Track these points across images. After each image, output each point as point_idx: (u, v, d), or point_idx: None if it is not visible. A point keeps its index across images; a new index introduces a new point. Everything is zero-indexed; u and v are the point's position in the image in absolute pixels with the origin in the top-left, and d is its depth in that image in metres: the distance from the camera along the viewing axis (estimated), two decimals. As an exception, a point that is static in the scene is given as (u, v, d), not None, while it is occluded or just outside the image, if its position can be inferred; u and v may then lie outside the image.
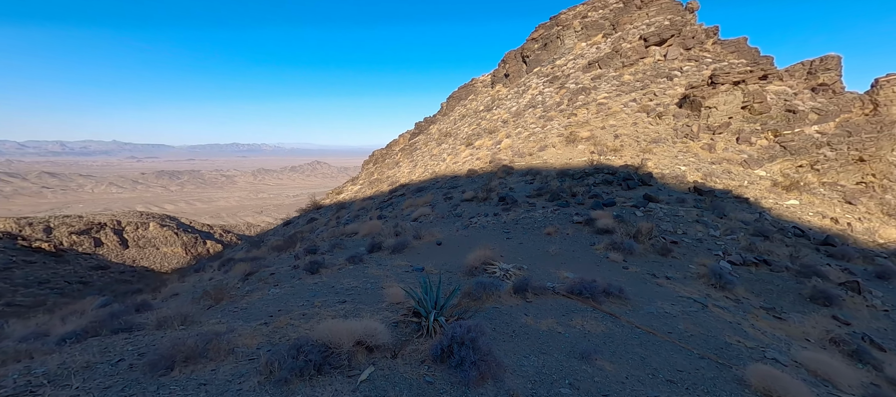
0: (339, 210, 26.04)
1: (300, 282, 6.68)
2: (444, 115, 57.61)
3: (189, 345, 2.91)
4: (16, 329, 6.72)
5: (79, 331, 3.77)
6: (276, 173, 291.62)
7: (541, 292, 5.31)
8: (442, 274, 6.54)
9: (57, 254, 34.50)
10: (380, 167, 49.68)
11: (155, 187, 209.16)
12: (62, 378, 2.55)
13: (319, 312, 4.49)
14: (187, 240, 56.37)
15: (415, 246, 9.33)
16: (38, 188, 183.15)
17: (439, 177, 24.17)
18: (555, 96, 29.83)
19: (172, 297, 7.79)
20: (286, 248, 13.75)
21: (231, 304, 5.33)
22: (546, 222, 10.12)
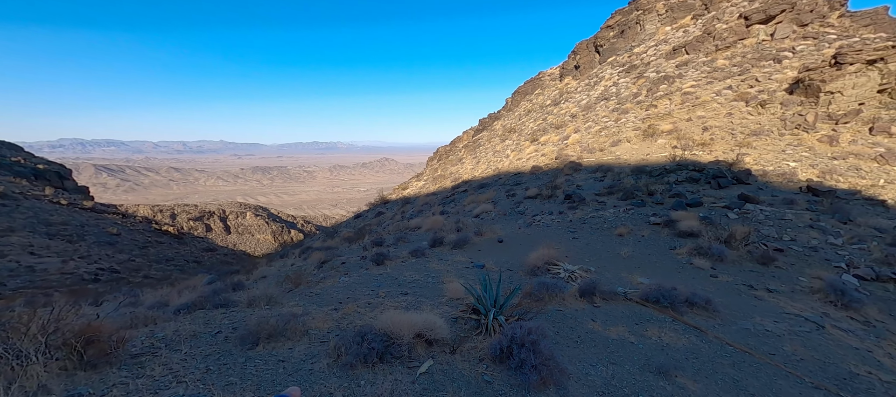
0: (404, 205, 27.11)
1: (367, 272, 7.07)
2: (509, 111, 56.55)
3: (271, 324, 3.24)
4: (147, 298, 8.17)
5: (189, 304, 4.44)
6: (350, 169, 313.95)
7: (610, 297, 4.92)
8: (502, 272, 6.41)
9: (179, 237, 41.29)
10: (443, 163, 50.59)
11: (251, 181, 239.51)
12: (175, 343, 3.03)
13: (383, 302, 4.70)
14: (275, 229, 63.48)
15: (475, 242, 9.31)
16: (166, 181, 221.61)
17: (502, 174, 23.82)
18: (631, 87, 27.44)
19: (261, 279, 8.79)
20: (356, 240, 14.71)
21: (307, 289, 5.84)
22: (617, 222, 9.36)
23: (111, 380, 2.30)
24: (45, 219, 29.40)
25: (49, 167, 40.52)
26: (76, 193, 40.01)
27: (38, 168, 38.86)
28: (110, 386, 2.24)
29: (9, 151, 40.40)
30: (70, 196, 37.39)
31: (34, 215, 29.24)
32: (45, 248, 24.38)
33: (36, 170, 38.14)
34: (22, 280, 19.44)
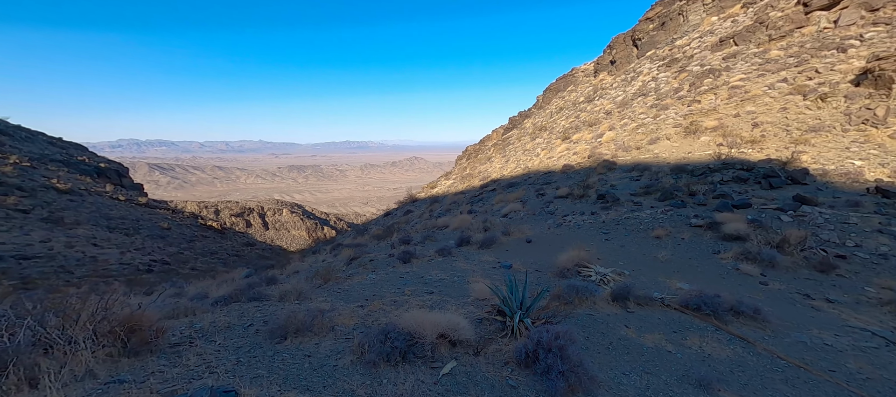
0: (432, 203, 27.26)
1: (394, 269, 7.13)
2: (540, 109, 55.41)
3: (300, 319, 3.32)
4: (191, 289, 8.70)
5: (226, 297, 4.66)
6: (380, 168, 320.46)
7: (645, 302, 4.64)
8: (530, 273, 6.25)
9: (222, 232, 43.85)
10: (472, 162, 50.40)
11: (287, 179, 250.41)
12: (210, 334, 3.17)
13: (408, 300, 4.70)
14: (309, 225, 65.95)
15: (503, 242, 9.16)
16: (211, 179, 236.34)
17: (531, 173, 23.38)
18: (672, 81, 26.02)
19: (294, 274, 9.12)
20: (385, 238, 14.94)
21: (336, 285, 5.97)
22: (654, 223, 8.87)
23: (150, 368, 2.44)
24: (105, 213, 32.16)
25: (109, 166, 44.28)
26: (132, 190, 43.48)
27: (100, 166, 42.56)
28: (149, 374, 2.37)
29: (75, 151, 44.54)
30: (127, 192, 40.67)
31: (97, 210, 32.06)
32: (105, 240, 26.65)
33: (98, 169, 41.79)
34: (87, 268, 21.37)
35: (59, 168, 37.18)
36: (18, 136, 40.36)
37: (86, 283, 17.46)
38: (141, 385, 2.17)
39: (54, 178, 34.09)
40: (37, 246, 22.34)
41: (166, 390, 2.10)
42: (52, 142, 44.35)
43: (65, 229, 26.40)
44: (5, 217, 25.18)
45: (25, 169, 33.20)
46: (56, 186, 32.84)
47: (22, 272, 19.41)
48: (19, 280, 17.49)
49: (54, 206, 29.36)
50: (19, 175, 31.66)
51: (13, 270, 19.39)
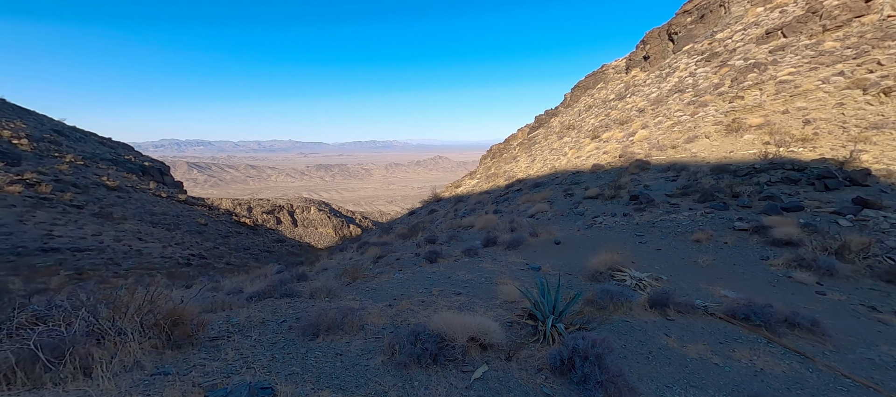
0: (456, 202, 27.22)
1: (420, 269, 7.12)
2: (568, 107, 54.13)
3: (330, 317, 3.34)
4: (226, 283, 9.07)
5: (260, 292, 4.80)
6: (404, 167, 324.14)
7: (686, 310, 4.37)
8: (560, 275, 6.06)
9: (254, 228, 45.71)
10: (497, 161, 49.94)
11: (315, 178, 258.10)
12: (246, 329, 3.26)
13: (436, 301, 4.66)
14: (336, 223, 67.60)
15: (531, 243, 8.97)
16: (244, 177, 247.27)
17: (559, 172, 22.86)
18: (711, 77, 24.68)
19: (322, 271, 9.32)
20: (410, 236, 15.03)
21: (364, 283, 6.02)
22: (694, 226, 8.41)
23: (192, 361, 2.52)
24: (149, 209, 34.26)
25: (153, 164, 47.17)
26: (173, 187, 46.11)
27: (145, 165, 45.41)
28: (191, 367, 2.44)
29: (123, 150, 47.74)
30: (168, 190, 43.17)
31: (141, 206, 34.22)
32: (149, 235, 28.38)
33: (143, 167, 44.60)
34: (133, 261, 22.84)
35: (108, 166, 39.97)
36: (74, 137, 43.73)
37: (132, 275, 18.67)
38: (184, 377, 2.24)
39: (104, 176, 36.68)
40: (89, 239, 24.10)
41: (207, 383, 2.15)
42: (103, 141, 47.73)
43: (113, 224, 28.34)
44: (62, 212, 27.32)
45: (79, 167, 35.92)
46: (106, 183, 35.34)
47: (76, 263, 20.99)
48: (74, 270, 18.92)
49: (104, 202, 31.58)
50: (74, 173, 34.28)
51: (69, 261, 21.01)
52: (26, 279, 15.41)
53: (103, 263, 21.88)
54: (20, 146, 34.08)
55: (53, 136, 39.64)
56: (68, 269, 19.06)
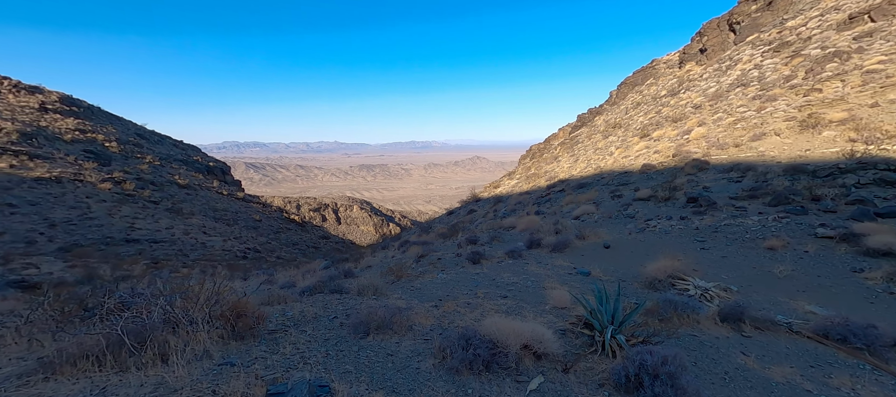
0: (496, 203, 26.88)
1: (463, 270, 7.05)
2: (613, 105, 51.59)
3: (380, 315, 3.36)
4: (280, 277, 9.59)
5: (311, 287, 4.98)
6: (443, 167, 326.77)
7: (766, 326, 3.90)
8: (613, 282, 5.71)
9: (302, 225, 48.26)
10: (537, 162, 48.73)
11: (357, 178, 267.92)
12: (301, 323, 3.36)
13: (482, 304, 4.55)
14: (377, 222, 69.62)
15: (577, 246, 8.58)
16: (294, 176, 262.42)
17: (605, 173, 21.81)
18: (781, 68, 22.31)
19: (367, 269, 9.55)
20: (450, 236, 15.03)
21: (408, 282, 6.06)
22: (765, 232, 7.57)
23: (254, 354, 2.62)
24: (212, 206, 37.32)
25: (216, 164, 51.35)
26: (232, 186, 49.90)
27: (209, 165, 49.54)
28: (253, 359, 2.54)
29: (192, 152, 52.41)
30: (228, 188, 46.78)
31: (206, 203, 37.36)
32: (212, 229, 30.89)
33: (208, 167, 48.69)
34: (198, 253, 24.96)
35: (180, 166, 44.08)
36: (152, 140, 48.74)
37: (197, 266, 20.40)
38: (247, 369, 2.34)
39: (176, 175, 40.50)
40: (163, 232, 26.70)
41: (269, 377, 2.22)
42: (176, 144, 52.74)
43: (183, 218, 31.19)
44: (142, 207, 30.49)
45: (156, 167, 39.94)
46: (177, 182, 38.98)
47: (153, 253, 23.31)
48: (151, 260, 21.04)
49: (176, 199, 34.85)
50: (152, 172, 38.18)
51: (147, 251, 23.38)
52: (113, 266, 17.39)
53: (174, 254, 24.12)
54: (110, 148, 38.59)
55: (136, 140, 44.48)
56: (146, 259, 21.21)
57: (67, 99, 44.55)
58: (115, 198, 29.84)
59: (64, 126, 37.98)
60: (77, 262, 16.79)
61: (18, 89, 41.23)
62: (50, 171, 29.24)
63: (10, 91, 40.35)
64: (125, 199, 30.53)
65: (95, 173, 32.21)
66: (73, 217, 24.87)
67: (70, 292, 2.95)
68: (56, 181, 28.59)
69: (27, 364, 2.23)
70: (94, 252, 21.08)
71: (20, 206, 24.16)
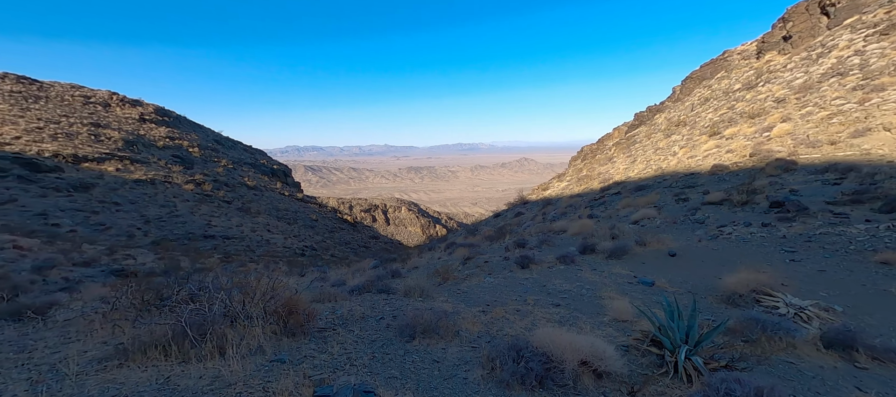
0: (545, 206, 25.98)
1: (511, 274, 6.78)
2: (676, 102, 47.58)
3: (426, 319, 3.27)
4: (332, 275, 10.00)
5: (360, 286, 5.06)
6: (489, 169, 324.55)
7: (888, 357, 3.21)
8: (682, 293, 5.12)
9: (353, 225, 50.51)
10: (589, 163, 46.42)
11: (405, 180, 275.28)
12: (349, 323, 3.39)
13: (533, 311, 4.29)
14: (424, 223, 70.82)
15: (637, 253, 7.89)
16: (347, 178, 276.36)
17: (667, 174, 20.12)
18: (891, 53, 19.01)
19: (414, 269, 9.62)
20: (497, 239, 14.72)
21: (455, 285, 5.95)
22: (876, 243, 6.38)
23: (303, 351, 2.67)
24: (276, 205, 40.38)
25: (279, 167, 55.57)
26: (293, 187, 53.66)
27: (273, 168, 53.75)
28: (303, 357, 2.58)
29: (259, 155, 57.26)
30: (290, 189, 50.35)
31: (271, 203, 40.53)
32: (275, 227, 33.38)
33: (272, 170, 52.85)
34: (263, 249, 27.09)
35: (249, 169, 48.34)
36: (227, 145, 54.03)
37: (262, 261, 22.13)
38: (296, 367, 2.37)
39: (246, 177, 44.42)
40: (234, 229, 29.35)
41: (316, 377, 2.23)
42: (246, 148, 57.97)
43: (251, 217, 34.09)
44: (217, 206, 33.82)
45: (230, 170, 44.15)
46: (246, 183, 42.71)
47: (225, 248, 25.67)
48: (223, 254, 23.21)
49: (245, 199, 38.21)
50: (226, 174, 42.25)
51: (220, 246, 25.82)
52: (192, 259, 19.46)
53: (243, 249, 26.37)
54: (193, 153, 43.44)
55: (214, 145, 49.63)
56: (220, 253, 23.44)
57: (160, 110, 50.96)
58: (195, 198, 33.44)
59: (157, 134, 43.47)
60: (164, 254, 19.02)
61: (123, 103, 48.01)
62: (146, 174, 33.55)
63: (117, 104, 47.10)
64: (204, 199, 34.10)
65: (181, 175, 36.39)
66: (162, 214, 28.25)
67: (150, 282, 3.24)
68: (150, 182, 32.71)
69: (107, 349, 2.46)
70: (177, 246, 23.76)
71: (123, 205, 27.95)
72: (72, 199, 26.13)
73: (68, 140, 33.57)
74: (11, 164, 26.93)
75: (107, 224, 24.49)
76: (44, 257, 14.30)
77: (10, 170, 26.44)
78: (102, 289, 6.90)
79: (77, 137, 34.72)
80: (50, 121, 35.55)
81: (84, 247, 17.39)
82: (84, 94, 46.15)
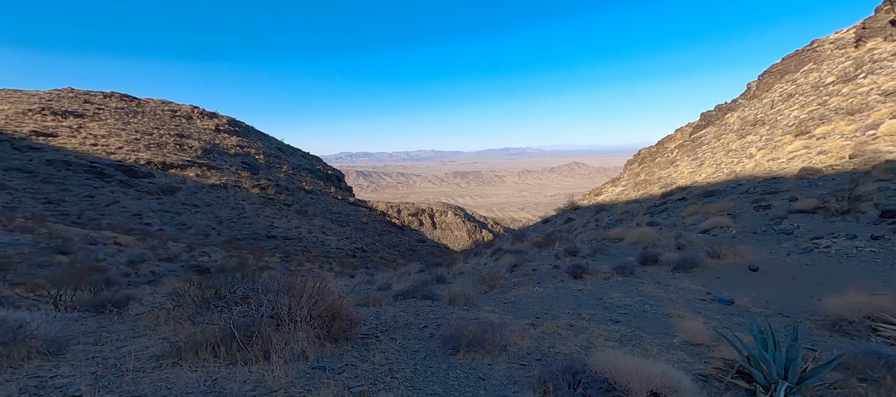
0: (598, 212, 24.56)
1: (563, 284, 6.35)
2: (752, 99, 42.75)
3: (470, 330, 3.08)
4: (379, 278, 10.16)
5: (404, 291, 5.01)
6: (537, 174, 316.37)
7: None
8: (771, 315, 4.40)
9: (401, 228, 51.73)
10: (648, 167, 43.24)
11: (452, 184, 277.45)
12: (392, 330, 3.31)
13: (589, 327, 3.91)
14: (470, 228, 70.63)
15: (709, 266, 7.03)
16: (395, 183, 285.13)
17: (742, 179, 18.04)
18: None
19: (459, 275, 9.46)
20: (546, 246, 14.10)
21: (501, 294, 5.68)
22: None
23: (345, 359, 2.61)
24: (330, 209, 42.63)
25: (333, 172, 58.73)
26: (346, 191, 56.36)
27: (328, 173, 56.91)
28: (344, 366, 2.52)
29: (315, 161, 60.98)
30: (343, 193, 52.95)
31: (325, 206, 42.88)
32: (329, 229, 35.18)
33: (326, 175, 55.98)
34: (318, 250, 28.64)
35: (306, 174, 51.64)
36: (288, 152, 58.29)
37: (317, 261, 23.37)
38: (338, 377, 2.31)
39: (304, 182, 47.48)
40: (293, 230, 31.40)
41: (357, 389, 2.14)
42: (304, 155, 62.07)
43: (308, 219, 36.29)
44: (278, 209, 36.46)
45: (290, 175, 47.50)
46: (304, 188, 45.62)
47: (286, 248, 27.53)
48: (283, 253, 24.88)
49: (303, 202, 40.81)
50: (287, 179, 45.51)
51: (281, 246, 27.73)
52: (257, 258, 21.08)
53: (300, 249, 28.09)
54: (259, 160, 47.41)
55: (276, 152, 53.79)
56: (281, 252, 25.17)
57: (232, 121, 56.38)
58: (260, 201, 36.37)
59: (229, 142, 48.08)
60: (234, 252, 20.83)
61: (203, 115, 53.86)
62: (220, 179, 37.17)
63: (198, 117, 52.92)
64: (267, 202, 36.96)
65: (248, 180, 39.83)
66: (233, 216, 31.04)
67: (210, 280, 3.42)
68: (223, 187, 36.17)
69: (166, 346, 2.60)
70: (245, 244, 25.92)
71: (201, 207, 31.14)
72: (161, 201, 29.68)
73: (158, 149, 38.30)
74: (115, 171, 31.29)
75: (188, 223, 27.44)
76: (137, 252, 16.30)
77: (114, 175, 30.73)
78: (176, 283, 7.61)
79: (165, 147, 39.49)
80: (145, 133, 40.86)
81: (169, 244, 19.58)
82: (172, 109, 52.52)
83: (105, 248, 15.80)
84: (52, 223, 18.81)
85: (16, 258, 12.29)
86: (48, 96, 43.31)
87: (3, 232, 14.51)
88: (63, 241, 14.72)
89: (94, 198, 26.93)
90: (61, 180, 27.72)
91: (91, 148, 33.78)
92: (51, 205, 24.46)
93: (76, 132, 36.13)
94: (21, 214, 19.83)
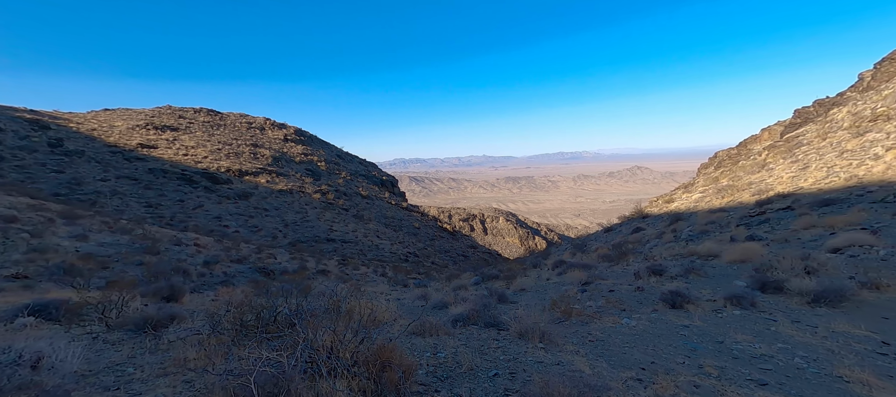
0: (674, 221, 21.83)
1: (658, 315, 5.16)
2: (866, 91, 35.83)
3: (562, 393, 2.24)
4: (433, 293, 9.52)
5: (464, 315, 4.27)
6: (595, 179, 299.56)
7: None
8: None
9: (452, 234, 51.36)
10: (730, 171, 38.12)
11: (503, 190, 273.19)
12: (454, 378, 2.60)
13: (724, 391, 2.83)
14: (522, 234, 68.25)
15: (866, 298, 5.36)
16: (447, 188, 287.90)
17: (869, 184, 14.80)
18: None
19: (521, 292, 8.50)
20: (617, 260, 12.54)
21: (581, 325, 4.70)
22: None
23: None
24: (384, 213, 43.61)
25: (387, 178, 60.34)
26: (399, 197, 57.53)
27: (382, 179, 58.57)
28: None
29: (371, 168, 63.19)
30: (396, 199, 54.07)
31: (380, 211, 43.97)
32: (383, 234, 35.83)
33: (381, 181, 57.64)
34: (372, 254, 29.15)
35: (362, 180, 53.63)
36: (346, 159, 61.17)
37: (372, 265, 23.64)
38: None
39: (360, 187, 49.24)
40: (350, 234, 32.40)
41: None
42: (361, 162, 64.72)
43: (363, 223, 37.36)
44: (337, 213, 38.00)
45: (348, 181, 49.59)
46: (361, 193, 47.28)
47: (343, 251, 28.36)
48: (341, 257, 25.62)
49: (359, 207, 42.22)
50: (345, 185, 47.54)
51: (339, 249, 28.63)
52: (317, 260, 21.84)
53: (357, 253, 28.76)
54: (321, 167, 50.22)
55: (336, 159, 56.70)
56: (339, 256, 25.93)
57: (299, 131, 60.59)
58: (321, 206, 38.23)
59: (295, 151, 51.57)
60: (296, 255, 21.80)
61: (273, 126, 58.57)
62: (286, 185, 39.81)
63: (269, 128, 57.63)
64: (328, 207, 38.75)
65: (311, 186, 42.18)
66: (297, 220, 32.87)
67: (250, 303, 2.99)
68: (289, 192, 38.62)
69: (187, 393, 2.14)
70: (306, 247, 27.16)
71: (270, 211, 33.43)
72: (237, 206, 32.39)
73: (236, 158, 42.12)
74: (201, 178, 34.84)
75: (259, 226, 29.54)
76: (213, 254, 17.57)
77: (199, 182, 34.22)
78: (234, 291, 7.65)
79: (242, 155, 43.34)
80: (225, 144, 45.26)
81: (241, 245, 21.00)
82: (248, 121, 57.84)
83: (187, 249, 17.22)
84: (148, 225, 21.16)
85: (114, 257, 13.75)
86: (151, 113, 50.00)
87: (108, 233, 16.43)
88: (152, 243, 16.28)
89: (183, 202, 30.15)
90: (159, 187, 31.46)
91: (183, 157, 38.10)
92: (150, 208, 27.80)
93: (172, 144, 41.07)
94: (126, 217, 22.66)
